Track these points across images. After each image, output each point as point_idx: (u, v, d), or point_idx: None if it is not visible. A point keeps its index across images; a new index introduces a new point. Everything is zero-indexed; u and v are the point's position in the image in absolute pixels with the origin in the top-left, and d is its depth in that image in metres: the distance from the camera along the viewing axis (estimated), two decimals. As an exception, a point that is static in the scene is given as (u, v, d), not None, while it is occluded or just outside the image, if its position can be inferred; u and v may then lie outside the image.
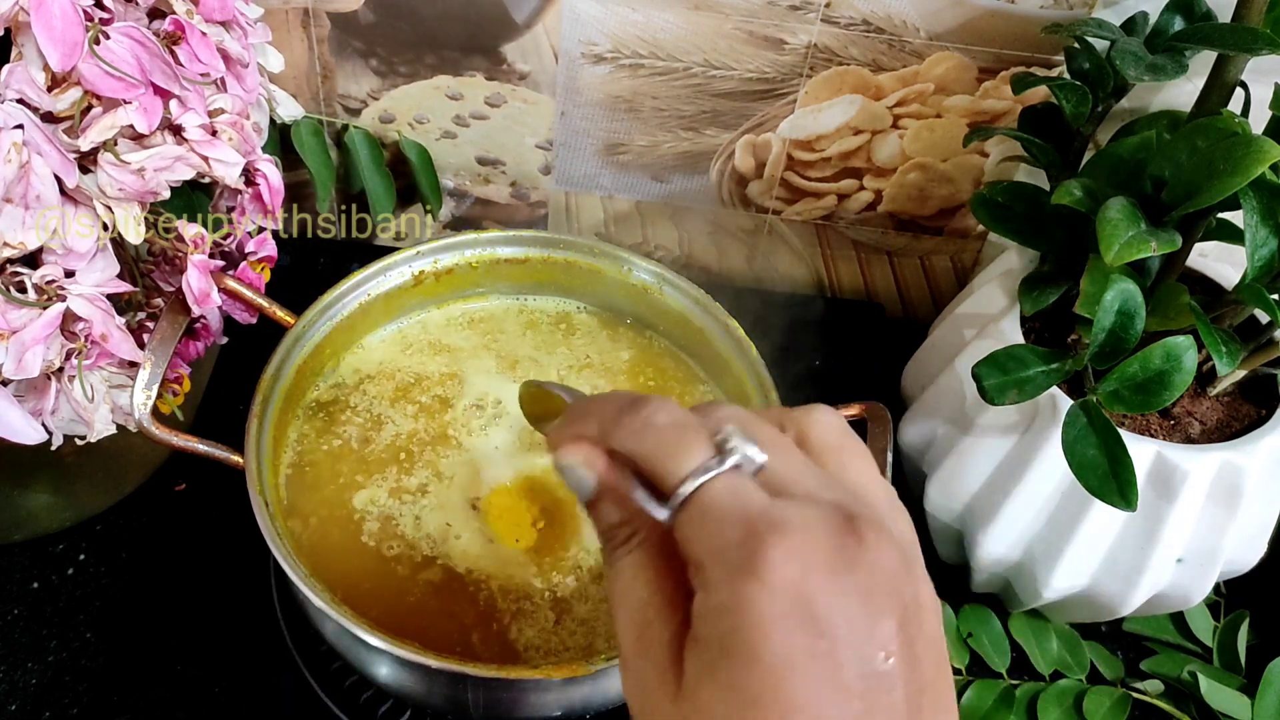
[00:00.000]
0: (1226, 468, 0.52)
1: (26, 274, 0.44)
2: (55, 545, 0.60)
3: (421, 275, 0.60)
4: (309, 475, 0.54)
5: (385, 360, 0.60)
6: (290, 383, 0.55)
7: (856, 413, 0.54)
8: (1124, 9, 0.59)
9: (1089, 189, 0.50)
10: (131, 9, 0.46)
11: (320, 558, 0.51)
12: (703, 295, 0.59)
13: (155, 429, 0.49)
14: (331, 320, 0.57)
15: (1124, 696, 0.58)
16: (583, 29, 0.66)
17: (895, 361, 0.67)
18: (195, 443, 0.50)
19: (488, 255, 0.61)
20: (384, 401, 0.58)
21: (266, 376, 0.53)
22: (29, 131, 0.42)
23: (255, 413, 0.51)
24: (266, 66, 0.59)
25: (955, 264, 0.76)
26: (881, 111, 0.68)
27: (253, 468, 0.49)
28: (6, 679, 0.55)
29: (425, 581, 0.51)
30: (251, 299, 0.54)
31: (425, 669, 0.45)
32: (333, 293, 0.57)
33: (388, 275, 0.59)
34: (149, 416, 0.48)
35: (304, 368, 0.56)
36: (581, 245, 0.61)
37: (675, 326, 0.61)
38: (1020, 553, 0.57)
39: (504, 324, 0.62)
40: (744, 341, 0.57)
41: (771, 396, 0.55)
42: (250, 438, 0.50)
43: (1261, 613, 0.62)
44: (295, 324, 0.55)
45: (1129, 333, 0.48)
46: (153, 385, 0.48)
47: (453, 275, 0.61)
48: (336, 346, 0.58)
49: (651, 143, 0.71)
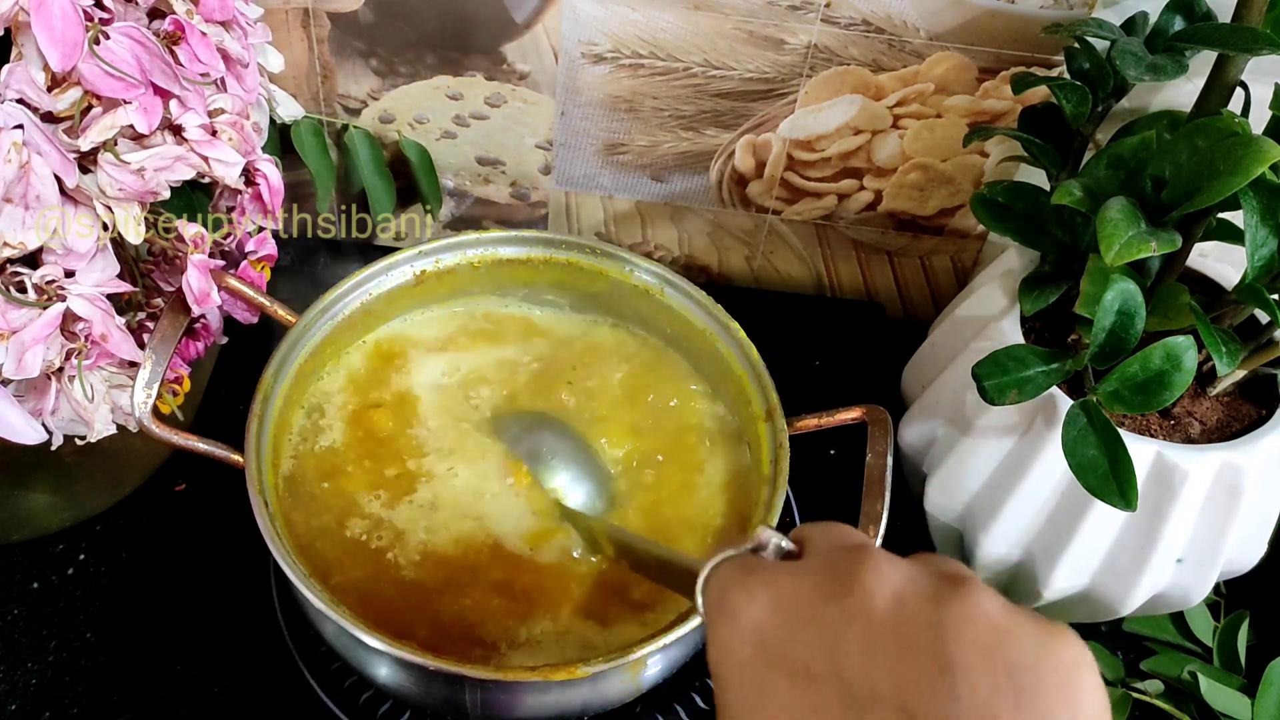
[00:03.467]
0: (1226, 468, 0.52)
1: (26, 274, 0.44)
2: (55, 545, 0.60)
3: (423, 275, 0.60)
4: (309, 475, 0.54)
5: (386, 360, 0.60)
6: (291, 382, 0.55)
7: (857, 416, 0.54)
8: (1124, 9, 0.59)
9: (1089, 189, 0.50)
10: (131, 9, 0.46)
11: (320, 557, 0.51)
12: (704, 296, 0.59)
13: (155, 428, 0.49)
14: (333, 319, 0.57)
15: (1124, 696, 0.58)
16: (583, 29, 0.66)
17: (895, 361, 0.67)
18: (195, 441, 0.50)
19: (490, 255, 0.61)
20: (384, 401, 0.58)
21: (267, 376, 0.53)
22: (29, 131, 0.42)
23: (255, 412, 0.51)
24: (266, 66, 0.59)
25: (955, 264, 0.76)
26: (881, 111, 0.68)
27: (253, 467, 0.49)
28: (6, 679, 0.55)
29: (425, 582, 0.51)
30: (253, 298, 0.54)
31: (423, 670, 0.45)
32: (334, 292, 0.57)
33: (389, 275, 0.59)
34: (149, 415, 0.48)
35: (305, 367, 0.56)
36: (584, 245, 0.61)
37: (677, 328, 0.61)
38: (1020, 553, 0.57)
39: (505, 325, 0.62)
40: (745, 343, 0.57)
41: (772, 398, 0.55)
42: (250, 437, 0.50)
43: (1261, 613, 0.62)
44: (296, 323, 0.55)
45: (1129, 333, 0.48)
46: (153, 384, 0.48)
47: (454, 275, 0.61)
48: (338, 346, 0.58)
49: (651, 143, 0.71)
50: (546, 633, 0.50)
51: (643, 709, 0.54)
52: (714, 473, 0.57)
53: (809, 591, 0.31)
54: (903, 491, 0.65)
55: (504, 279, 0.62)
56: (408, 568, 0.51)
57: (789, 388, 0.56)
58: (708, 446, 0.58)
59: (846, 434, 0.55)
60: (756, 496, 0.54)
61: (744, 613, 0.31)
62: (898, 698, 0.27)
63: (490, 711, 0.48)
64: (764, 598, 0.31)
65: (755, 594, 0.31)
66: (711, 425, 0.59)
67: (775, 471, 0.53)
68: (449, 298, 0.62)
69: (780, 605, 0.31)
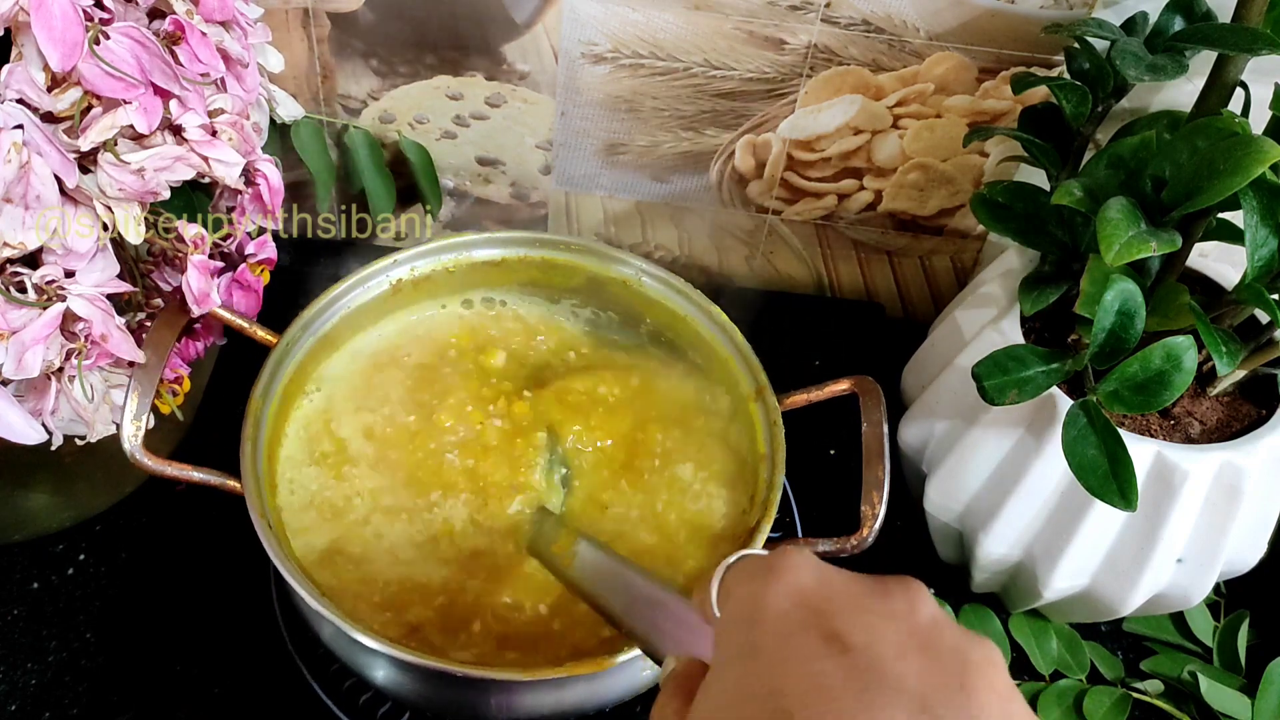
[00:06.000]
0: (1226, 468, 0.52)
1: (26, 274, 0.44)
2: (55, 545, 0.60)
3: (399, 284, 0.59)
4: (308, 490, 0.54)
5: (370, 370, 0.59)
6: (278, 403, 0.54)
7: (846, 387, 0.54)
8: (1124, 9, 0.59)
9: (1089, 189, 0.50)
10: (131, 9, 0.46)
11: (323, 565, 0.51)
12: (682, 284, 0.60)
13: (147, 460, 0.48)
14: (314, 335, 0.56)
15: (1124, 696, 0.58)
16: (583, 29, 0.66)
17: (895, 361, 0.67)
18: (190, 471, 0.49)
19: (464, 259, 0.61)
20: (372, 411, 0.57)
21: (255, 398, 0.52)
22: (29, 131, 0.42)
23: (248, 435, 0.51)
24: (266, 66, 0.59)
25: (955, 264, 0.76)
26: (881, 111, 0.68)
27: (252, 491, 0.49)
28: (6, 679, 0.55)
29: (425, 584, 0.51)
30: (231, 321, 0.53)
31: (421, 670, 0.45)
32: (313, 308, 0.56)
33: (366, 287, 0.58)
34: (140, 449, 0.48)
35: (290, 388, 0.55)
36: (558, 243, 0.61)
37: (657, 317, 0.61)
38: (1020, 553, 0.57)
39: (486, 327, 0.62)
40: (728, 325, 0.58)
41: (760, 377, 0.56)
42: (245, 461, 0.50)
43: (1261, 613, 0.62)
44: (278, 343, 0.54)
45: (1129, 333, 0.48)
46: (141, 415, 0.48)
47: (430, 281, 0.60)
48: (320, 361, 0.58)
49: (651, 143, 0.71)
50: (549, 632, 0.50)
51: (643, 709, 0.54)
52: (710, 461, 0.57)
53: (855, 586, 0.32)
54: (903, 491, 0.65)
55: (480, 282, 0.62)
56: (412, 569, 0.51)
57: (789, 387, 0.56)
58: (696, 433, 0.58)
59: (847, 434, 0.55)
60: (756, 476, 0.54)
61: (788, 575, 0.32)
62: (921, 695, 0.28)
63: (490, 711, 0.48)
64: (810, 571, 0.33)
65: (802, 567, 0.33)
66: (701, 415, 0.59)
67: (772, 449, 0.54)
68: (427, 304, 0.62)
69: (825, 582, 0.32)
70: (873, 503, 0.50)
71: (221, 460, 0.51)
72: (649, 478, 0.56)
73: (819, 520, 0.64)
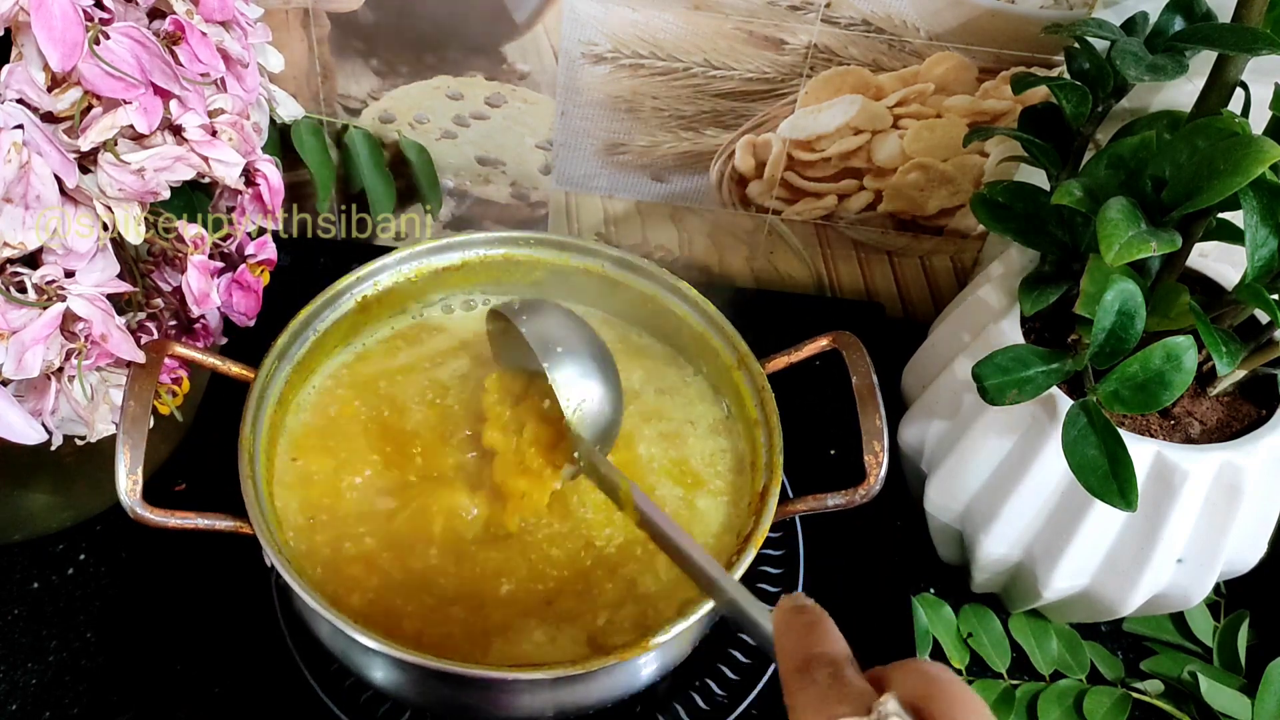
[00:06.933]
0: (1226, 468, 0.52)
1: (26, 274, 0.44)
2: (55, 545, 0.60)
3: (365, 300, 0.59)
4: (319, 518, 0.53)
5: (350, 389, 0.58)
6: (267, 436, 0.53)
7: (826, 344, 0.55)
8: (1124, 9, 0.59)
9: (1089, 189, 0.50)
10: (131, 9, 0.46)
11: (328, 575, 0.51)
12: (648, 264, 0.59)
13: (149, 514, 0.46)
14: (290, 362, 0.55)
15: (1124, 696, 0.58)
16: (583, 29, 0.66)
17: (895, 361, 0.67)
18: (196, 518, 0.47)
19: (425, 267, 0.60)
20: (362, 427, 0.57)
21: (245, 437, 0.51)
22: (29, 131, 0.42)
23: (246, 474, 0.49)
24: (266, 66, 0.59)
25: (955, 264, 0.76)
26: (881, 111, 0.68)
27: (261, 528, 0.48)
28: (6, 679, 0.55)
29: (425, 585, 0.51)
30: (203, 361, 0.52)
31: (421, 670, 0.45)
32: (284, 337, 0.55)
33: (334, 307, 0.57)
34: (140, 503, 0.46)
35: (275, 418, 0.54)
36: (516, 239, 0.61)
37: (628, 300, 0.61)
38: (1020, 553, 0.57)
39: (456, 333, 0.61)
40: (698, 299, 0.58)
41: (740, 346, 0.56)
42: (249, 501, 0.48)
43: (1261, 613, 0.62)
44: (256, 377, 0.53)
45: (1129, 333, 0.48)
46: (136, 468, 0.46)
47: (394, 293, 0.60)
48: (297, 387, 0.57)
49: (651, 143, 0.71)
50: (548, 633, 0.50)
51: (643, 709, 0.54)
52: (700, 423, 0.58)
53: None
54: (903, 491, 0.65)
55: (444, 286, 0.61)
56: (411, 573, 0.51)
57: (789, 387, 0.56)
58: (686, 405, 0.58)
59: (846, 435, 0.55)
60: (753, 442, 0.55)
61: None
62: None
63: (490, 711, 0.48)
64: None
65: None
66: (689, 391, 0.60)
67: (765, 414, 0.54)
68: (398, 316, 0.61)
69: None
70: (875, 451, 0.50)
71: (221, 460, 0.51)
72: (643, 469, 0.56)
73: (819, 524, 0.64)
